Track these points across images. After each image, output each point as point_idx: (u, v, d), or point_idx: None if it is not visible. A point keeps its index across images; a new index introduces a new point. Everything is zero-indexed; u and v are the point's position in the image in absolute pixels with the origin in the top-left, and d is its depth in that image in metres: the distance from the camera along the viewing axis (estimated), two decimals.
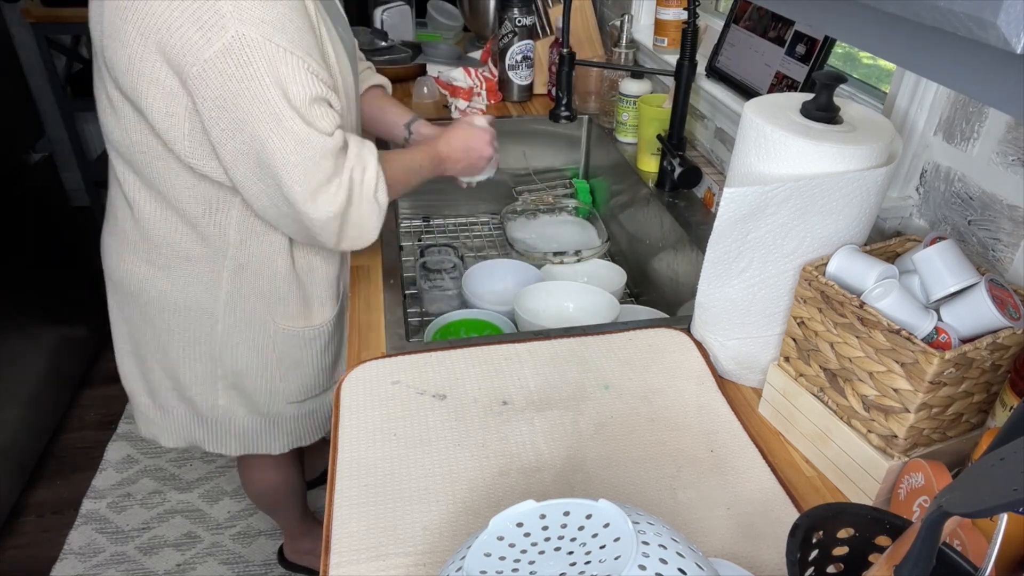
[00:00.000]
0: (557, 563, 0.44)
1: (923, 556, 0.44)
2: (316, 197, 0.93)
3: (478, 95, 1.75)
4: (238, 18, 0.83)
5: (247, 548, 1.81)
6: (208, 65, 0.84)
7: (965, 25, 0.31)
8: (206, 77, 0.85)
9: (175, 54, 0.85)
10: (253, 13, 0.84)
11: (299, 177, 0.91)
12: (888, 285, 0.70)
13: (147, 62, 0.87)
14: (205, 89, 0.86)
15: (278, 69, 0.86)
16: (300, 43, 0.88)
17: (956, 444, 0.72)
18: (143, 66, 0.87)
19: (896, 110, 0.91)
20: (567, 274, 1.44)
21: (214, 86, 0.85)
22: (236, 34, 0.83)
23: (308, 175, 0.91)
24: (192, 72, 0.85)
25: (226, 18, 0.83)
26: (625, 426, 0.84)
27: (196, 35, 0.83)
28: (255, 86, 0.85)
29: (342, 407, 0.86)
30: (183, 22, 0.83)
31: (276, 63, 0.85)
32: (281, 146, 0.89)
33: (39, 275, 2.02)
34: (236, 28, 0.83)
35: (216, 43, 0.83)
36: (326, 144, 0.91)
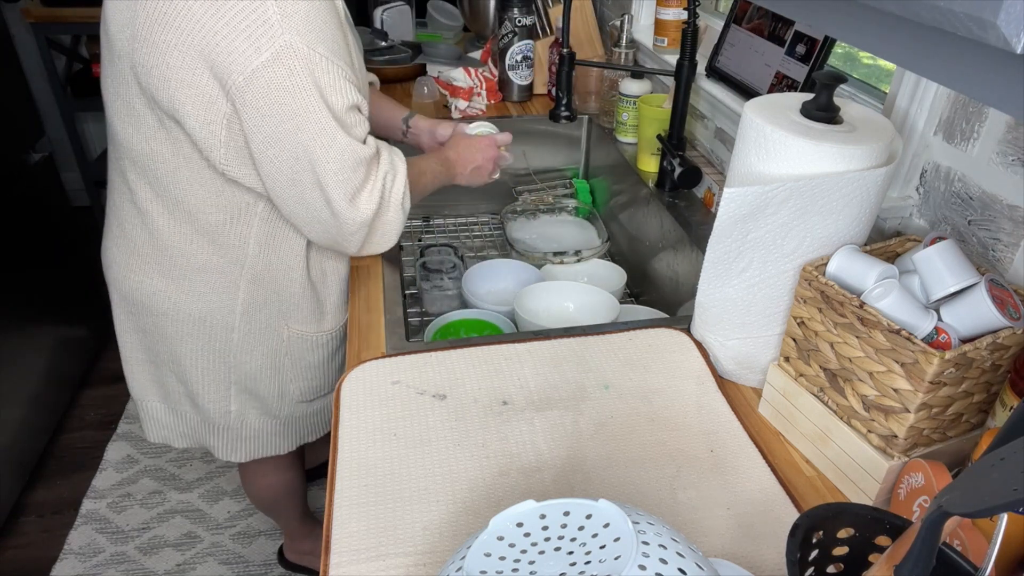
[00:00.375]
0: (557, 563, 0.44)
1: (923, 556, 0.44)
2: (355, 202, 0.96)
3: (478, 95, 1.75)
4: (285, 28, 0.84)
5: (247, 548, 1.81)
6: (256, 74, 0.85)
7: (965, 25, 0.31)
8: (252, 86, 0.86)
9: (221, 62, 0.85)
10: (299, 22, 0.85)
11: (339, 183, 0.93)
12: (888, 285, 0.70)
13: (187, 70, 0.87)
14: (250, 97, 0.87)
15: (320, 78, 0.87)
16: (338, 51, 0.90)
17: (956, 444, 0.72)
18: (182, 74, 0.87)
19: (896, 110, 0.91)
20: (567, 274, 1.44)
21: (260, 95, 0.86)
22: (284, 44, 0.84)
23: (347, 182, 0.94)
24: (238, 81, 0.86)
25: (274, 27, 0.84)
26: (625, 426, 0.84)
27: (244, 44, 0.84)
28: (300, 96, 0.87)
29: (342, 407, 0.86)
30: (230, 31, 0.84)
31: (319, 72, 0.87)
32: (323, 154, 0.91)
33: (39, 275, 2.02)
34: (284, 38, 0.84)
35: (265, 52, 0.84)
36: (361, 152, 0.94)
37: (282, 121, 0.88)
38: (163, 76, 0.88)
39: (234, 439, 1.24)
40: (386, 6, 2.15)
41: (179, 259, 1.05)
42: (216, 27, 0.84)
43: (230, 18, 0.83)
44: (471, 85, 1.74)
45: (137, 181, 1.01)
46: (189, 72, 0.87)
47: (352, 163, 0.93)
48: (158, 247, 1.05)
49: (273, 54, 0.84)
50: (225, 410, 1.20)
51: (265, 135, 0.90)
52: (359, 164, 0.94)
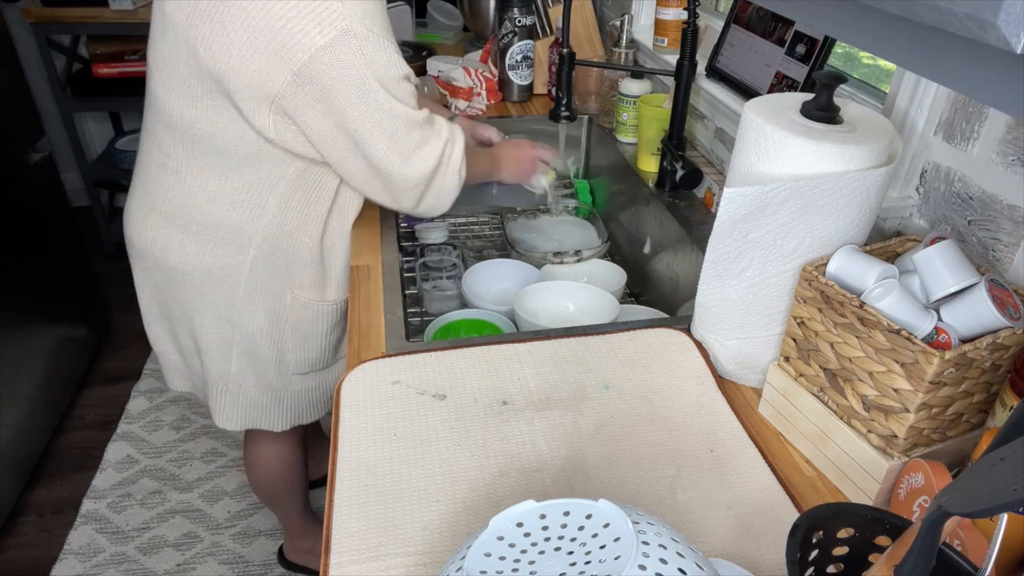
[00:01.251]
0: (557, 563, 0.44)
1: (923, 556, 0.44)
2: (409, 160, 1.06)
3: (478, 95, 1.75)
4: (345, 12, 0.95)
5: (247, 548, 1.81)
6: (318, 53, 0.95)
7: (965, 25, 0.31)
8: (315, 64, 0.95)
9: (286, 42, 0.94)
10: (356, 6, 0.96)
11: (390, 144, 1.04)
12: (888, 285, 0.70)
13: (248, 47, 0.96)
14: (314, 74, 0.96)
15: (375, 56, 0.98)
16: (388, 30, 1.01)
17: (956, 444, 0.72)
18: (243, 50, 0.96)
19: (896, 110, 0.91)
20: (567, 274, 1.44)
21: (322, 72, 0.96)
22: (345, 27, 0.95)
23: (399, 142, 1.04)
24: (303, 59, 0.95)
25: (336, 12, 0.94)
26: (625, 426, 0.84)
27: (309, 26, 0.94)
28: (359, 72, 0.97)
29: (342, 407, 0.86)
30: (296, 13, 0.94)
31: (376, 51, 0.98)
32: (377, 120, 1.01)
33: (39, 275, 2.02)
34: (345, 21, 0.95)
35: (328, 33, 0.94)
36: (415, 116, 1.05)
37: (341, 95, 0.98)
38: (224, 51, 0.97)
39: (230, 404, 1.29)
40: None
41: (199, 215, 1.12)
42: (283, 9, 0.93)
43: (296, 1, 0.93)
44: (471, 85, 1.74)
45: (172, 143, 1.09)
46: (252, 49, 0.95)
47: (404, 125, 1.03)
48: (180, 203, 1.12)
49: (335, 36, 0.94)
50: (225, 371, 1.25)
51: (324, 109, 0.99)
52: (412, 126, 1.04)
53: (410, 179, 1.07)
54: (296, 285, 1.21)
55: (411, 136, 1.05)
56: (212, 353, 1.24)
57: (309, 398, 1.35)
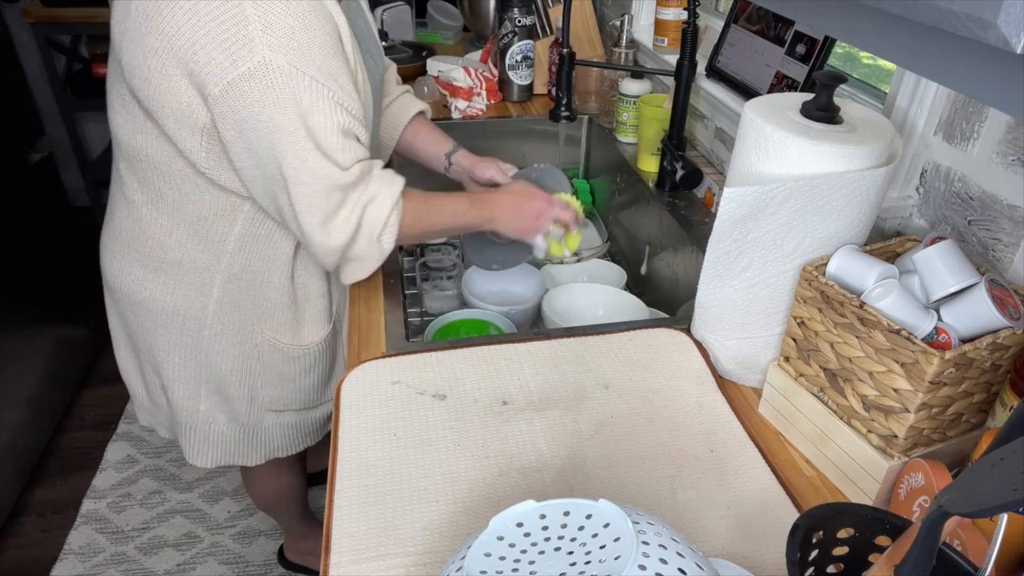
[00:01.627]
0: (557, 563, 0.44)
1: (923, 556, 0.44)
2: (325, 226, 0.92)
3: (478, 95, 1.75)
4: (266, 43, 0.82)
5: (247, 548, 1.81)
6: (231, 87, 0.83)
7: (965, 25, 0.31)
8: (228, 98, 0.84)
9: (198, 71, 0.84)
10: (281, 38, 0.82)
11: (310, 207, 0.91)
12: (888, 285, 0.70)
13: (167, 75, 0.86)
14: (226, 109, 0.85)
15: (301, 98, 0.85)
16: (328, 70, 0.87)
17: (956, 444, 0.72)
18: (163, 78, 0.87)
19: (896, 110, 0.91)
20: (567, 274, 1.44)
21: (235, 108, 0.85)
22: (263, 59, 0.82)
23: (317, 206, 0.91)
24: (214, 92, 0.84)
25: (254, 41, 0.82)
26: (625, 426, 0.84)
27: (222, 56, 0.82)
28: (275, 113, 0.85)
29: (342, 407, 0.86)
30: (209, 40, 0.82)
31: (300, 91, 0.85)
32: (295, 176, 0.88)
33: (39, 275, 2.02)
34: (263, 53, 0.82)
35: (242, 66, 0.82)
36: (338, 178, 0.90)
37: (257, 136, 0.87)
38: (144, 78, 0.88)
39: (202, 441, 1.22)
40: (386, 6, 2.15)
41: (158, 250, 1.05)
42: (196, 36, 0.82)
43: (211, 28, 0.82)
44: (471, 85, 1.74)
45: (127, 172, 1.02)
46: (168, 78, 0.86)
47: (325, 188, 0.90)
48: (140, 236, 1.05)
49: (250, 69, 0.82)
50: (194, 409, 1.18)
51: (241, 147, 0.89)
52: (333, 190, 0.90)
53: (325, 246, 0.94)
54: (267, 327, 1.13)
55: (329, 199, 0.91)
56: (179, 391, 1.16)
57: (286, 434, 1.27)
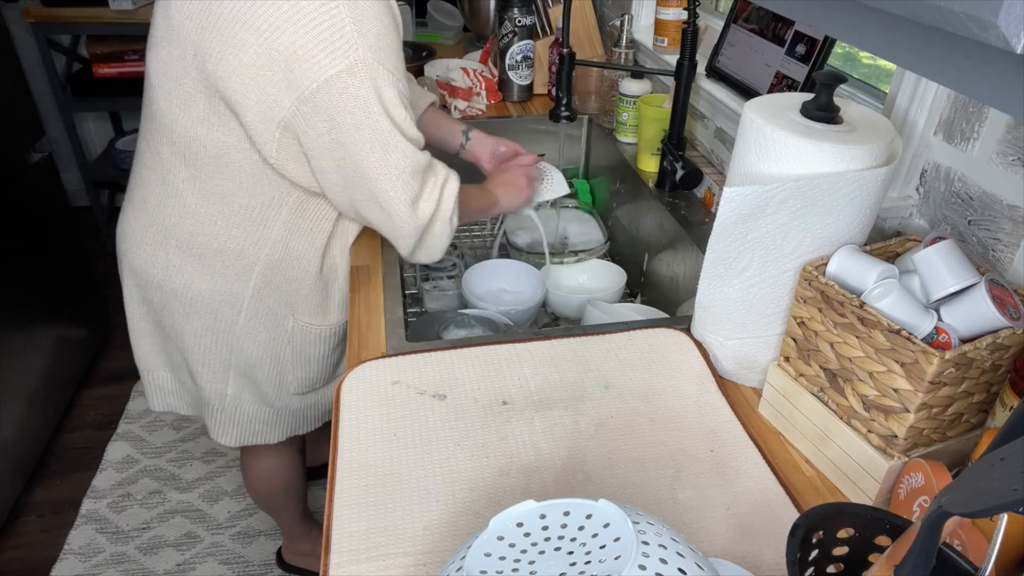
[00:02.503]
0: (557, 563, 0.44)
1: (923, 556, 0.44)
2: (415, 207, 1.01)
3: (477, 95, 1.75)
4: (361, 43, 0.90)
5: (247, 548, 1.81)
6: (328, 83, 0.90)
7: (965, 25, 0.31)
8: (324, 93, 0.91)
9: (296, 68, 0.90)
10: (373, 38, 0.91)
11: (401, 189, 0.99)
12: (888, 285, 0.70)
13: (258, 68, 0.91)
14: (321, 104, 0.91)
15: (385, 93, 0.93)
16: (401, 70, 0.97)
17: (956, 444, 0.72)
18: (253, 72, 0.92)
19: (896, 110, 0.91)
20: (567, 274, 1.44)
21: (330, 103, 0.91)
22: (357, 58, 0.90)
23: (408, 186, 0.99)
24: (311, 88, 0.91)
25: (350, 41, 0.89)
26: (625, 426, 0.84)
27: (321, 55, 0.89)
28: (367, 106, 0.92)
29: (342, 407, 0.86)
30: (308, 39, 0.89)
31: (386, 87, 0.93)
32: (384, 161, 0.96)
33: (39, 275, 2.02)
34: (359, 52, 0.90)
35: (339, 64, 0.89)
36: (421, 160, 1.00)
37: (348, 130, 0.93)
38: (233, 70, 0.92)
39: (227, 422, 1.26)
40: None
41: (200, 237, 1.08)
42: (296, 36, 0.89)
43: (310, 28, 0.88)
44: (470, 85, 1.74)
45: (173, 160, 1.04)
46: (261, 71, 0.91)
47: (412, 169, 0.99)
48: (181, 223, 1.08)
49: (347, 66, 0.90)
50: (221, 392, 1.22)
51: (328, 140, 0.95)
52: (417, 171, 1.00)
53: (412, 225, 1.02)
54: (298, 311, 1.18)
55: (413, 183, 1.00)
56: (207, 375, 1.20)
57: (307, 413, 1.33)
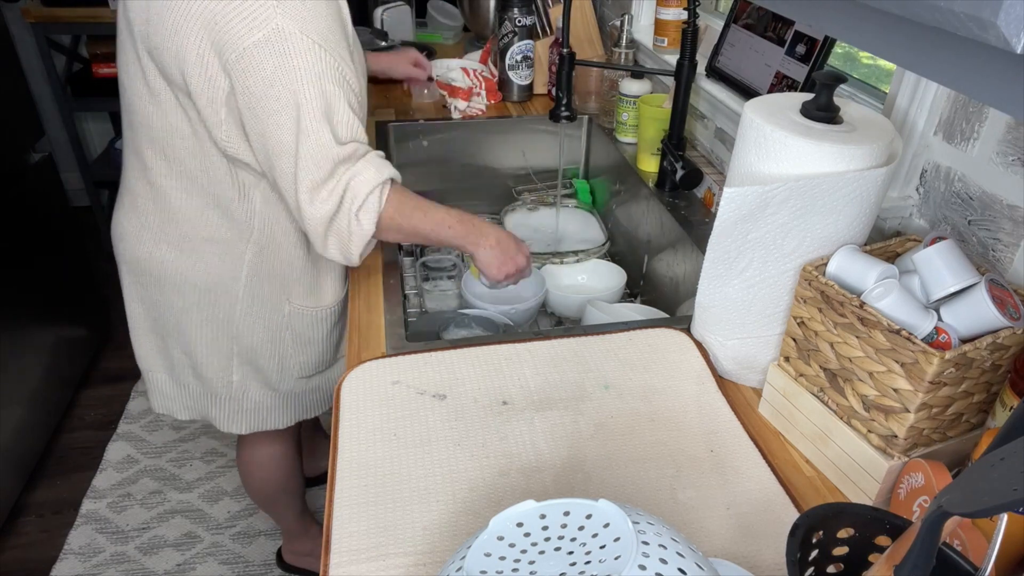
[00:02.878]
0: (557, 563, 0.44)
1: (923, 556, 0.44)
2: (312, 194, 0.96)
3: (477, 95, 1.75)
4: (280, 12, 0.89)
5: (247, 548, 1.81)
6: (246, 53, 0.90)
7: (965, 25, 0.31)
8: (243, 63, 0.90)
9: (219, 40, 0.90)
10: (295, 8, 0.90)
11: (302, 173, 0.95)
12: (888, 285, 0.70)
13: (193, 49, 0.92)
14: (240, 74, 0.91)
15: (312, 66, 0.91)
16: (334, 43, 0.94)
17: (956, 444, 0.72)
18: (190, 53, 0.92)
19: (896, 110, 0.91)
20: (567, 273, 1.44)
21: (249, 73, 0.91)
22: (276, 26, 0.89)
23: (309, 172, 0.95)
24: (231, 58, 0.90)
25: (269, 11, 0.89)
26: (625, 426, 0.84)
27: (240, 25, 0.89)
28: (285, 78, 0.91)
29: (342, 407, 0.86)
30: (230, 11, 0.89)
31: (310, 60, 0.91)
32: (292, 139, 0.93)
33: (39, 275, 2.02)
34: (277, 20, 0.89)
35: (257, 33, 0.89)
36: (332, 149, 0.94)
37: (267, 102, 0.92)
38: (175, 55, 0.93)
39: (235, 410, 1.28)
40: (386, 6, 2.15)
41: (188, 230, 1.09)
42: (218, 9, 0.89)
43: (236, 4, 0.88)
44: (470, 85, 1.74)
45: (153, 157, 1.05)
46: (195, 52, 0.92)
47: (317, 157, 0.94)
48: (169, 219, 1.09)
49: (265, 35, 0.89)
50: (227, 380, 1.24)
51: (252, 113, 0.94)
52: (324, 160, 0.94)
53: (312, 216, 0.97)
54: (293, 294, 1.19)
55: (320, 168, 0.94)
56: (212, 366, 1.22)
57: (313, 397, 1.34)
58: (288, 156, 0.94)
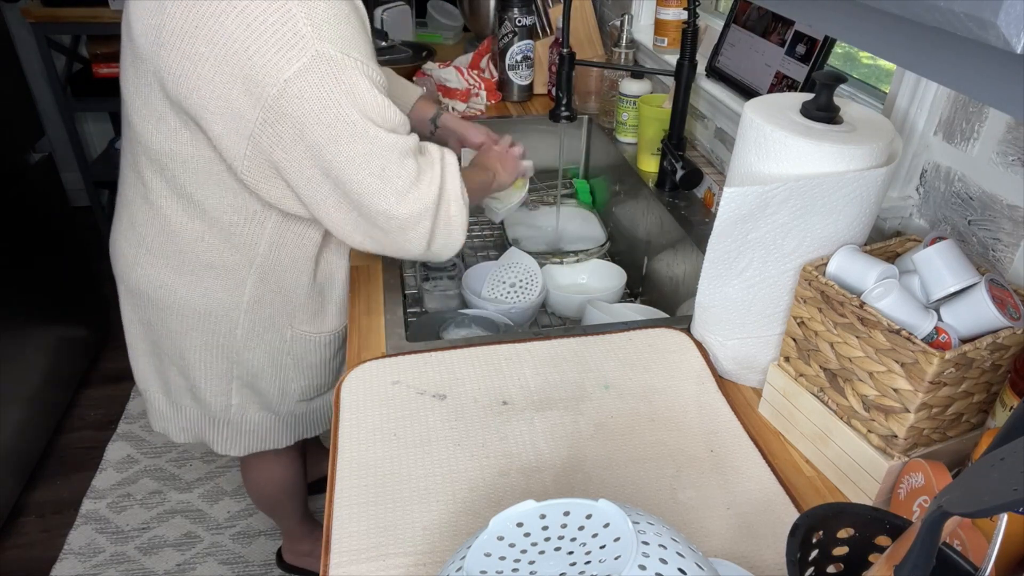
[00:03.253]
0: (557, 563, 0.44)
1: (923, 556, 0.44)
2: (406, 196, 0.93)
3: (476, 96, 1.75)
4: (317, 36, 0.84)
5: (247, 548, 1.81)
6: (288, 85, 0.84)
7: (965, 25, 0.31)
8: (287, 96, 0.85)
9: (253, 75, 0.85)
10: (329, 29, 0.85)
11: (381, 183, 0.91)
12: (888, 285, 0.70)
13: (218, 83, 0.86)
14: (287, 108, 0.86)
15: (357, 83, 0.87)
16: (369, 56, 0.90)
17: (956, 444, 0.72)
18: (213, 87, 0.87)
19: (896, 110, 0.91)
20: (567, 273, 1.44)
21: (295, 105, 0.85)
22: (316, 52, 0.84)
23: (392, 178, 0.91)
24: (272, 93, 0.85)
25: (305, 37, 0.83)
26: (625, 426, 0.84)
27: (276, 56, 0.83)
28: (337, 102, 0.86)
29: (342, 407, 0.86)
30: (261, 43, 0.83)
31: (354, 77, 0.86)
32: (364, 156, 0.89)
33: (39, 275, 2.02)
34: (316, 46, 0.84)
35: (296, 63, 0.84)
36: (406, 143, 0.92)
37: (320, 130, 0.87)
38: (193, 85, 0.88)
39: (234, 433, 1.25)
40: (386, 6, 2.15)
41: (189, 255, 1.06)
42: (248, 41, 0.84)
43: (261, 31, 0.83)
44: (467, 87, 1.74)
45: (153, 178, 1.02)
46: (221, 85, 0.87)
47: (397, 157, 0.91)
48: (169, 242, 1.06)
49: (305, 64, 0.84)
50: (226, 404, 1.21)
51: (301, 147, 0.89)
52: (405, 155, 0.92)
53: (411, 218, 0.94)
54: (295, 320, 1.16)
55: (404, 168, 0.92)
56: (210, 389, 1.19)
57: (314, 416, 1.32)
58: (364, 173, 0.90)
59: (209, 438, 1.26)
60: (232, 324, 1.12)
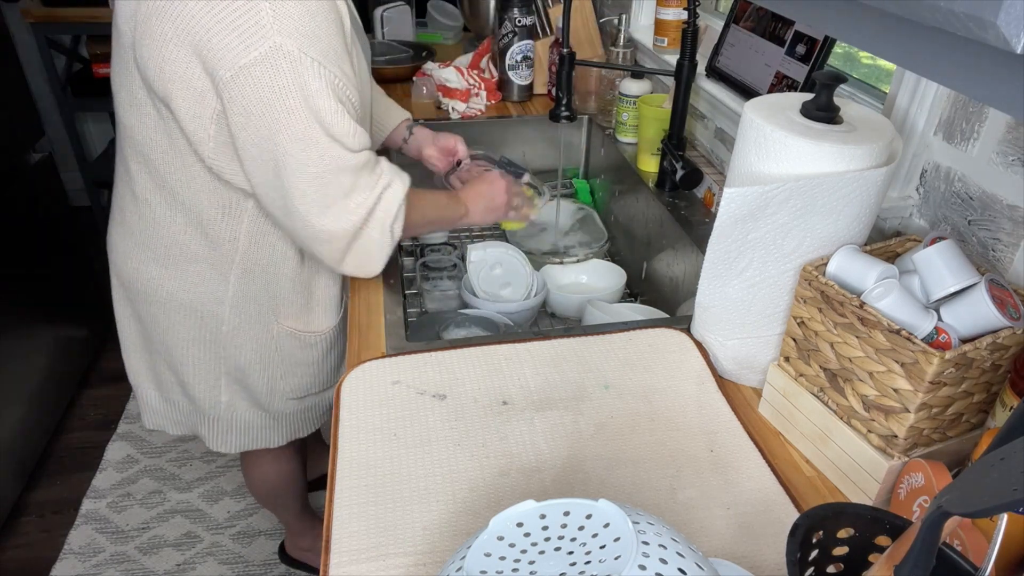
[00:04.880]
0: (557, 563, 0.44)
1: (923, 556, 0.44)
2: (328, 210, 0.93)
3: (476, 96, 1.75)
4: (277, 28, 0.84)
5: (247, 548, 1.81)
6: (242, 72, 0.85)
7: (965, 25, 0.31)
8: (239, 83, 0.86)
9: (211, 57, 0.86)
10: (292, 24, 0.85)
11: (313, 190, 0.92)
12: (888, 285, 0.70)
13: (180, 62, 0.88)
14: (236, 94, 0.87)
15: (310, 82, 0.87)
16: (332, 56, 0.89)
17: (956, 444, 0.72)
18: (176, 66, 0.88)
19: (896, 110, 0.91)
20: (567, 273, 1.44)
21: (246, 93, 0.86)
22: (274, 44, 0.84)
23: (324, 187, 0.92)
24: (225, 77, 0.86)
25: (266, 27, 0.84)
26: (625, 426, 0.84)
27: (235, 41, 0.84)
28: (285, 97, 0.86)
29: (342, 407, 0.86)
30: (223, 27, 0.84)
31: (309, 76, 0.86)
32: (303, 157, 0.90)
33: (39, 275, 2.02)
34: (275, 39, 0.84)
35: (253, 51, 0.84)
36: (348, 160, 0.92)
37: (265, 121, 0.88)
38: (159, 67, 0.89)
39: (224, 430, 1.25)
40: (386, 6, 2.15)
41: (172, 248, 1.07)
42: (210, 24, 0.84)
43: (225, 15, 0.84)
44: (467, 87, 1.74)
45: (138, 170, 1.03)
46: (183, 65, 0.88)
47: (334, 170, 0.91)
48: (154, 235, 1.07)
49: (262, 54, 0.84)
50: (215, 400, 1.21)
51: (248, 133, 0.90)
52: (342, 171, 0.92)
53: (325, 233, 0.94)
54: (282, 317, 1.16)
55: (339, 181, 0.92)
56: (199, 385, 1.19)
57: (306, 416, 1.32)
58: (294, 175, 0.91)
59: (201, 433, 1.27)
60: (218, 320, 1.13)
